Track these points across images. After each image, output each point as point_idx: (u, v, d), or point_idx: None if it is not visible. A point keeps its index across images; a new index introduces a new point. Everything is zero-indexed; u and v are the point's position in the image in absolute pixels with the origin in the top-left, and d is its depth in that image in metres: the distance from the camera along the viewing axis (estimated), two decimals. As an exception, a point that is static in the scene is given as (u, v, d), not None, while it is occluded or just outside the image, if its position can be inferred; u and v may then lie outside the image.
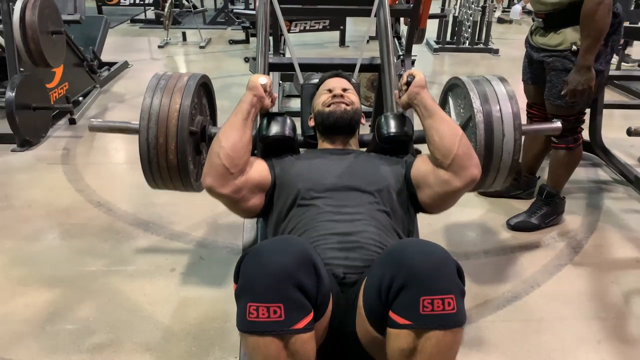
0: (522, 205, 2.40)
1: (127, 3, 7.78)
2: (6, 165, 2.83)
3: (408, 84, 1.42)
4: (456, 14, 5.87)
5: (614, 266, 2.05)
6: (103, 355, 1.56)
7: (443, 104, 1.77)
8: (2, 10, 2.90)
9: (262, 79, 1.44)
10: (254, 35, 5.75)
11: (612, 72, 2.97)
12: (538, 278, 1.96)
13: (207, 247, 2.12)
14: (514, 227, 2.26)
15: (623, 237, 2.24)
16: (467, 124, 1.58)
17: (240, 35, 6.34)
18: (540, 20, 2.02)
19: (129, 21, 7.22)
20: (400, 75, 1.71)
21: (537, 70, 2.15)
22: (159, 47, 5.79)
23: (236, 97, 3.99)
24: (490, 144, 1.49)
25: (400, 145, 1.54)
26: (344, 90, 1.56)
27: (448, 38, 5.92)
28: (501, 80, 1.58)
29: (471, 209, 2.46)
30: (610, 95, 4.18)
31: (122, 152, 3.10)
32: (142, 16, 7.33)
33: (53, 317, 1.71)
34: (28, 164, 2.85)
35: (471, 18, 5.59)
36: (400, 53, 3.67)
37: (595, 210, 2.45)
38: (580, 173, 2.82)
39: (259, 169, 1.38)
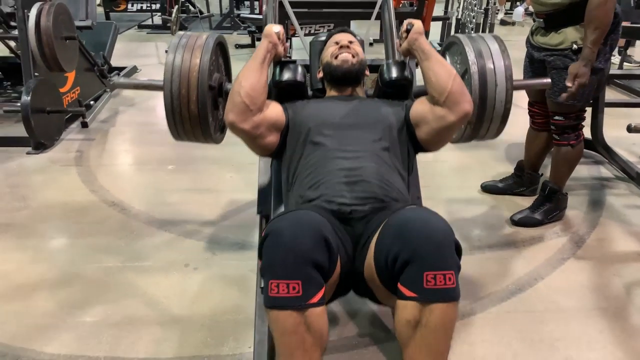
0: (526, 202, 2.45)
1: (134, 9, 7.90)
2: (22, 167, 2.91)
3: (408, 31, 1.57)
4: (459, 17, 5.94)
5: (615, 259, 2.10)
6: (122, 346, 1.62)
7: None
8: (17, 17, 2.99)
9: (276, 27, 1.58)
10: (259, 39, 5.83)
11: (614, 71, 3.01)
12: (541, 271, 2.02)
13: (219, 244, 2.18)
14: (517, 223, 2.31)
15: (625, 231, 2.29)
16: (462, 77, 1.68)
17: (246, 39, 6.44)
18: (541, 20, 2.08)
19: (136, 27, 7.33)
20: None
21: (538, 69, 2.20)
22: (166, 51, 5.88)
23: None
24: (484, 93, 1.62)
25: (401, 90, 1.70)
26: (350, 42, 1.70)
27: (452, 40, 5.96)
28: (495, 38, 1.70)
29: (476, 206, 2.52)
30: (612, 94, 4.24)
31: (134, 154, 3.18)
32: (149, 22, 7.43)
33: (73, 310, 1.78)
34: (43, 166, 2.93)
35: (474, 20, 5.65)
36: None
37: (598, 206, 2.50)
38: (583, 170, 2.87)
39: (275, 110, 1.54)
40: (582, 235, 2.26)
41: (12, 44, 3.73)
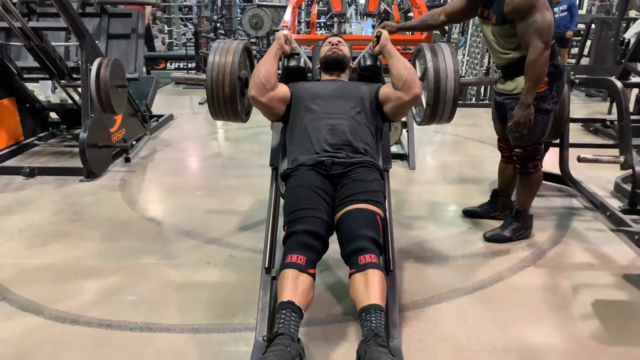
0: (499, 224, 2.83)
1: (172, 67, 8.77)
2: (76, 191, 3.46)
3: (377, 37, 2.29)
4: (463, 75, 6.51)
5: (569, 267, 2.46)
6: (155, 315, 2.06)
7: (413, 65, 2.50)
8: (81, 69, 3.66)
9: (285, 31, 2.26)
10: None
11: (579, 116, 3.44)
12: (503, 274, 2.39)
13: (236, 249, 2.63)
14: (489, 239, 2.70)
15: (583, 248, 2.65)
16: (424, 74, 2.32)
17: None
18: (500, 71, 2.57)
19: (173, 82, 8.14)
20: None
21: (501, 110, 2.67)
22: (200, 103, 6.58)
23: (265, 142, 4.64)
24: (438, 83, 2.22)
25: (374, 75, 2.43)
26: (339, 42, 2.36)
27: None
28: (448, 45, 2.32)
29: (456, 227, 2.92)
30: (592, 138, 4.71)
31: (168, 182, 3.69)
32: (184, 78, 8.26)
33: (118, 291, 2.24)
34: (93, 191, 3.48)
35: (476, 77, 6.20)
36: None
37: (563, 229, 2.87)
38: (556, 201, 3.26)
39: (283, 89, 2.16)
40: (544, 250, 2.63)
41: (72, 93, 4.41)
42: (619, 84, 2.87)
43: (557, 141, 3.26)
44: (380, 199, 1.95)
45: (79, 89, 3.98)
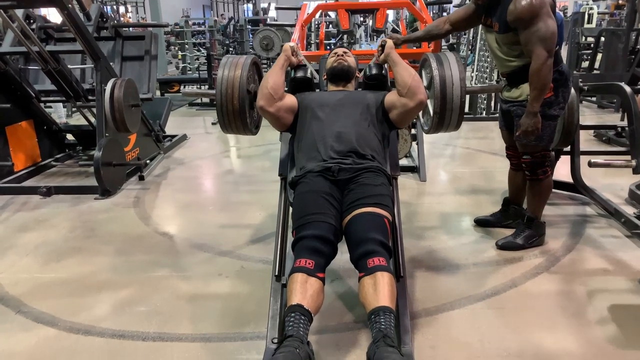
0: (512, 232, 2.81)
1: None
2: (91, 208, 3.52)
3: (382, 47, 2.35)
4: (473, 89, 6.52)
5: (583, 274, 2.43)
6: (167, 326, 2.08)
7: (420, 75, 2.49)
8: (96, 90, 3.76)
9: (291, 44, 2.32)
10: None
11: (589, 123, 3.42)
12: (516, 281, 2.36)
13: (247, 260, 2.65)
14: (501, 247, 2.67)
15: (597, 254, 2.62)
16: (430, 82, 2.31)
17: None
18: (504, 79, 2.58)
19: (187, 105, 8.29)
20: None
21: (507, 118, 2.67)
22: (212, 124, 6.66)
23: (275, 158, 4.68)
24: (444, 91, 2.24)
25: (379, 84, 2.46)
26: (344, 52, 2.39)
27: (466, 109, 6.52)
28: (453, 54, 2.33)
29: (468, 236, 2.90)
30: (604, 147, 4.68)
31: (181, 199, 3.74)
32: (198, 101, 8.39)
33: (130, 303, 2.26)
34: (107, 208, 3.53)
35: (482, 85, 6.19)
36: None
37: (577, 236, 2.84)
38: (569, 209, 3.23)
39: (290, 99, 2.19)
40: (558, 257, 2.60)
41: (88, 114, 4.52)
42: (627, 88, 2.86)
43: (568, 149, 3.25)
44: (388, 203, 1.95)
45: (94, 110, 4.08)
